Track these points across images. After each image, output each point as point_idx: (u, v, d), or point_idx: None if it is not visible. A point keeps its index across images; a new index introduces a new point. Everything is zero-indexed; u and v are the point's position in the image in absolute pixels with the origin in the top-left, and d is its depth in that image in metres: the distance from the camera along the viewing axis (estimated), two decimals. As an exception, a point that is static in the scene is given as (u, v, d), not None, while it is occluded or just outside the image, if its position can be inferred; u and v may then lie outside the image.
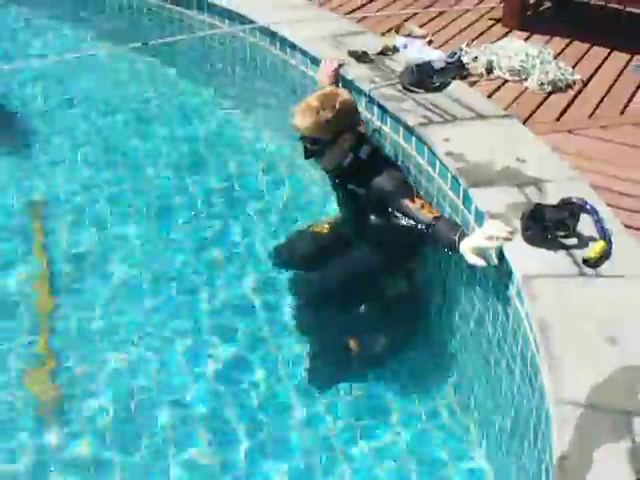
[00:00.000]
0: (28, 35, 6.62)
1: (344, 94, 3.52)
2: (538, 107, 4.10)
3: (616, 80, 4.42)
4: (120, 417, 3.31)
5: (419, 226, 3.14)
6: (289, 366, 3.55)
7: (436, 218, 3.13)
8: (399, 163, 3.89)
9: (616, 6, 5.15)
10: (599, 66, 4.59)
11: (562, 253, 2.82)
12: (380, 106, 4.06)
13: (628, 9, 5.12)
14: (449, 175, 3.43)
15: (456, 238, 2.95)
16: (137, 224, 4.44)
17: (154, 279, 4.04)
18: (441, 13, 5.42)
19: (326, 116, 3.35)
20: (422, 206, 3.20)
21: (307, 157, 3.53)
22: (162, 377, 3.50)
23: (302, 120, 3.40)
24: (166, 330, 3.73)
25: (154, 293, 3.96)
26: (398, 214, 3.23)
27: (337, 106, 3.37)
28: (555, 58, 4.51)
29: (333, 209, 3.92)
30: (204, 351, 3.63)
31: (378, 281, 3.65)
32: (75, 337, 3.70)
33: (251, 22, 5.26)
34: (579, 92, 4.28)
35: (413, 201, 3.22)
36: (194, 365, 3.56)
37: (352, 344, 3.61)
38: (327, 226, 3.90)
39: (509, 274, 2.80)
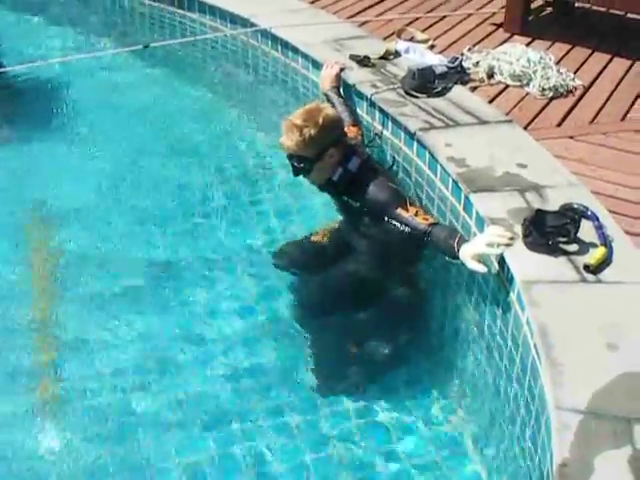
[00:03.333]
0: (29, 36, 6.63)
1: (327, 109, 3.51)
2: (539, 113, 4.10)
3: (617, 86, 4.41)
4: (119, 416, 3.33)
5: (415, 233, 3.16)
6: (290, 372, 3.54)
7: (431, 224, 3.16)
8: (400, 168, 3.90)
9: (618, 12, 5.16)
10: (600, 72, 4.58)
11: (563, 259, 2.82)
12: (381, 110, 4.07)
13: (630, 15, 5.12)
14: (450, 180, 3.43)
15: (455, 244, 2.96)
16: (139, 226, 4.44)
17: (154, 282, 4.03)
18: (443, 18, 5.42)
19: (309, 133, 3.36)
20: (416, 213, 3.22)
21: (296, 174, 3.56)
22: (163, 379, 3.49)
23: (287, 139, 3.42)
24: (167, 334, 3.72)
25: (154, 297, 3.94)
26: (394, 222, 3.25)
27: (320, 122, 3.38)
28: (557, 63, 4.50)
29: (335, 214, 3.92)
30: (204, 355, 3.62)
31: (378, 287, 3.65)
32: (75, 339, 3.69)
33: (253, 25, 5.27)
34: (580, 98, 4.28)
35: (406, 209, 3.24)
36: (194, 368, 3.54)
37: (353, 351, 3.59)
38: (327, 232, 3.90)
39: (510, 279, 2.80)
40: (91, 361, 3.57)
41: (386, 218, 3.28)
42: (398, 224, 3.23)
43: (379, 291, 3.64)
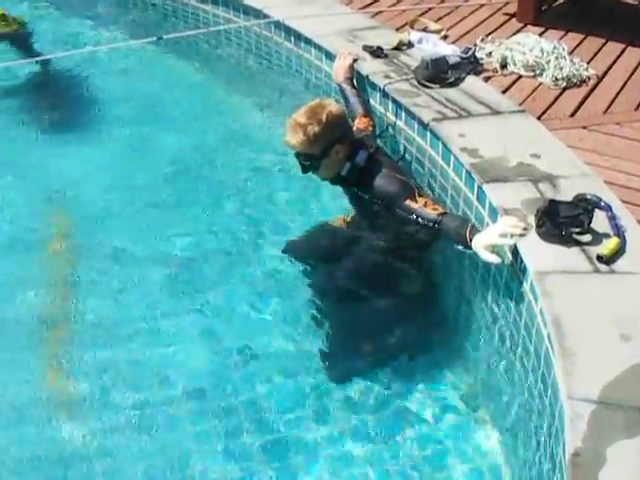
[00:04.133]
0: (44, 28, 6.69)
1: (330, 106, 3.47)
2: (553, 103, 4.09)
3: (631, 76, 4.40)
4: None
5: (425, 223, 3.18)
6: (304, 359, 3.56)
7: (441, 214, 3.16)
8: (413, 159, 3.91)
9: (631, 1, 5.14)
10: (614, 61, 4.58)
11: (576, 249, 2.82)
12: (395, 101, 4.07)
13: (644, 4, 5.11)
14: (463, 171, 3.44)
15: (467, 234, 2.96)
16: (155, 220, 4.46)
17: (169, 273, 4.06)
18: (456, 8, 5.41)
19: (314, 131, 3.34)
20: (425, 204, 3.22)
21: (304, 172, 3.55)
22: (176, 369, 3.52)
23: (292, 138, 3.41)
24: (183, 324, 3.75)
25: (169, 288, 3.97)
26: (404, 213, 3.26)
27: (324, 119, 3.36)
28: (570, 53, 4.50)
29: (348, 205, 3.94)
30: (218, 345, 3.64)
31: (391, 276, 3.67)
32: (94, 333, 3.72)
33: (266, 16, 5.28)
34: (594, 88, 4.27)
35: (415, 200, 3.24)
36: (207, 359, 3.57)
37: (367, 340, 3.60)
38: (341, 222, 3.92)
39: (523, 270, 2.81)
40: (107, 352, 3.60)
41: (396, 209, 3.29)
42: (408, 215, 3.24)
43: (392, 280, 3.66)
